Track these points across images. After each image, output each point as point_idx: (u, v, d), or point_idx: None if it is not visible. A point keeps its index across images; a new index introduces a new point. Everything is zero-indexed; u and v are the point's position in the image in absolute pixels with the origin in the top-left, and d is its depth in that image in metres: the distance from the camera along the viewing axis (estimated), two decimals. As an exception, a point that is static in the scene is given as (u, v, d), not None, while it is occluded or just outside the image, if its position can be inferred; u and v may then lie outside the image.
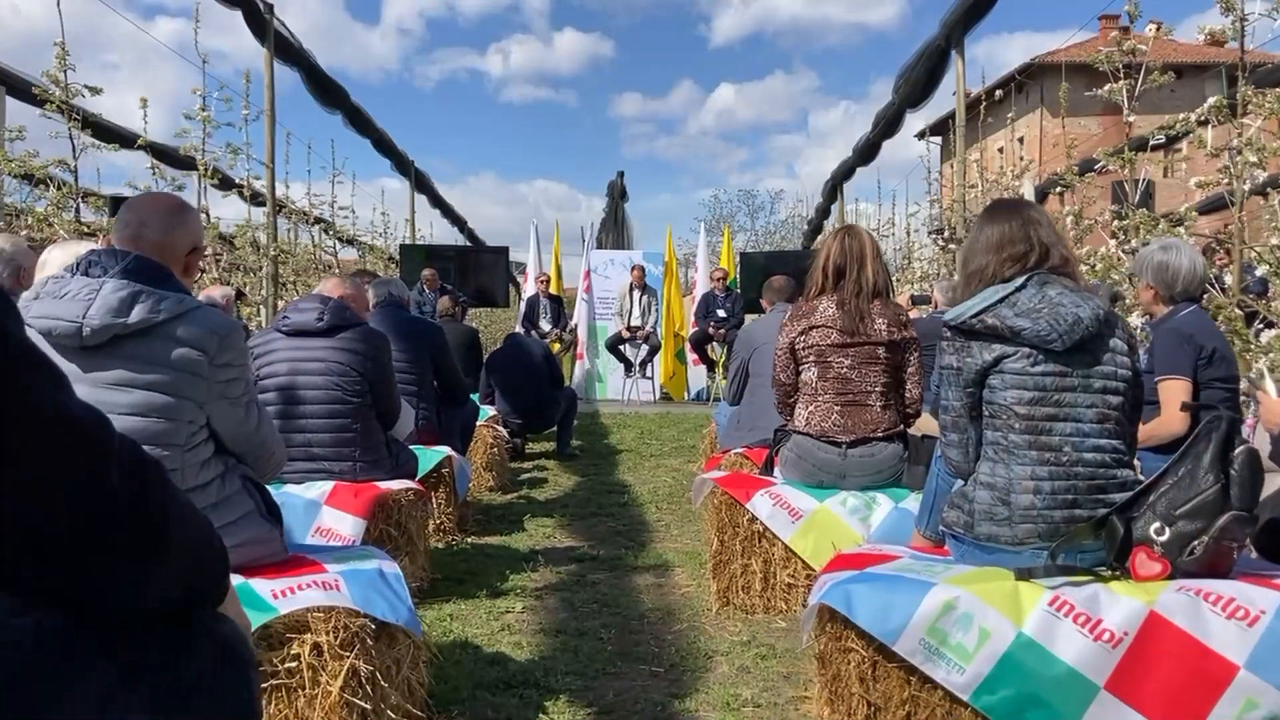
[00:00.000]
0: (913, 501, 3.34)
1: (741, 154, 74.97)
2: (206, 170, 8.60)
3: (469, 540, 4.65)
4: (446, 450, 4.62)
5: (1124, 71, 6.06)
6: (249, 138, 9.56)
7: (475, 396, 7.05)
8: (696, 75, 79.02)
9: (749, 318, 12.85)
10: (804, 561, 3.32)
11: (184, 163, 8.67)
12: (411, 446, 4.54)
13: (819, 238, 19.25)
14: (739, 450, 4.79)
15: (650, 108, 78.02)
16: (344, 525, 3.35)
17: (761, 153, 72.35)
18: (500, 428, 6.60)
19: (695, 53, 76.11)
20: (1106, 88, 6.13)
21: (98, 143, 6.78)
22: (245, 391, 2.15)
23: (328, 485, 3.47)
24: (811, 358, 3.53)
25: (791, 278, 5.21)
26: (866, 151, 14.83)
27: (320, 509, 3.39)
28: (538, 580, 3.89)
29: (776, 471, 3.74)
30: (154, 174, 7.78)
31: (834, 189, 17.15)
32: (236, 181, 9.79)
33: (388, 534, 3.47)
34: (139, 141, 7.75)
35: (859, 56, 73.36)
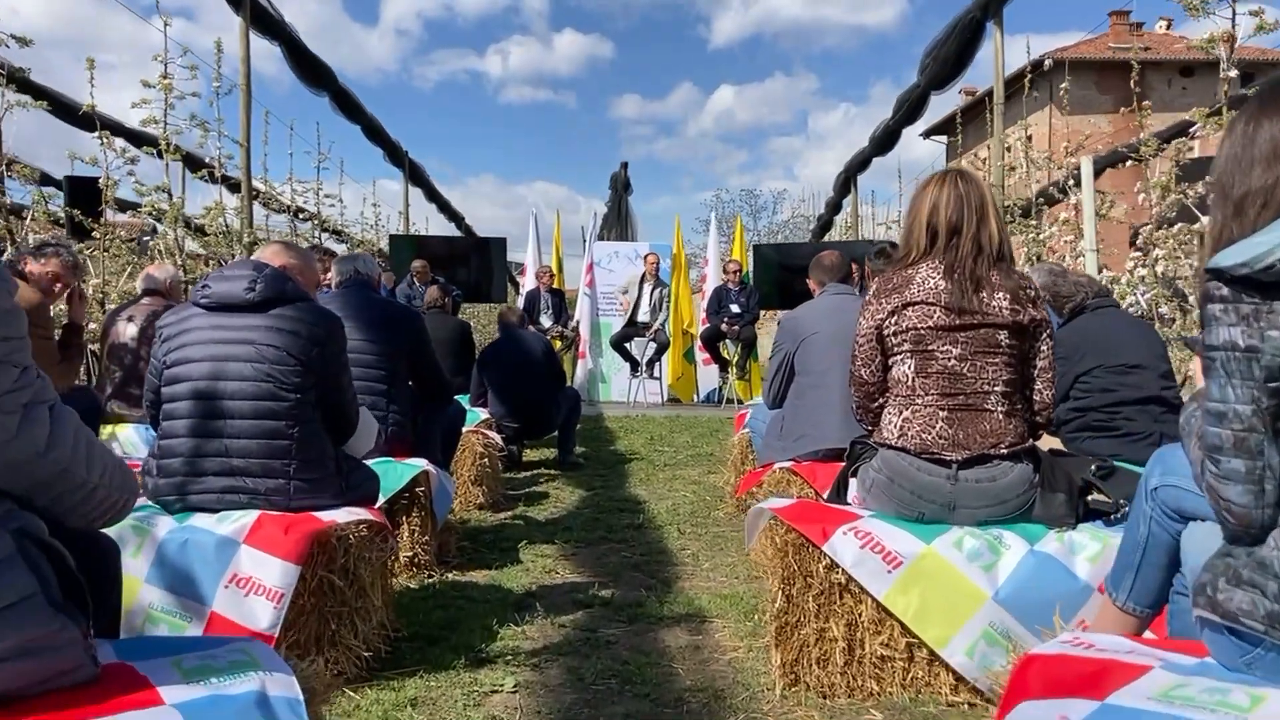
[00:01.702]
0: (1054, 543, 2.42)
1: (741, 156, 74.40)
2: (168, 146, 7.64)
3: (450, 575, 3.73)
4: (422, 464, 3.71)
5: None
6: (220, 113, 8.66)
7: (465, 399, 6.13)
8: (696, 77, 78.49)
9: (764, 314, 11.95)
10: (903, 625, 2.40)
11: (142, 138, 7.74)
12: (379, 460, 3.65)
13: (827, 235, 18.31)
14: (784, 464, 3.89)
15: (649, 109, 77.46)
16: (269, 573, 2.44)
17: (761, 155, 71.80)
18: (493, 433, 5.67)
19: (695, 54, 75.59)
20: (1207, 33, 5.23)
21: (24, 100, 5.86)
22: (20, 385, 1.23)
23: (250, 516, 2.56)
24: (907, 346, 2.60)
25: (844, 260, 4.27)
26: (885, 139, 13.92)
27: (237, 550, 2.48)
28: (535, 638, 2.96)
29: (851, 497, 2.83)
30: (102, 145, 6.86)
31: (847, 181, 16.24)
32: (207, 162, 8.85)
33: (330, 584, 2.55)
34: (84, 109, 6.84)
35: (859, 59, 72.84)
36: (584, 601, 3.36)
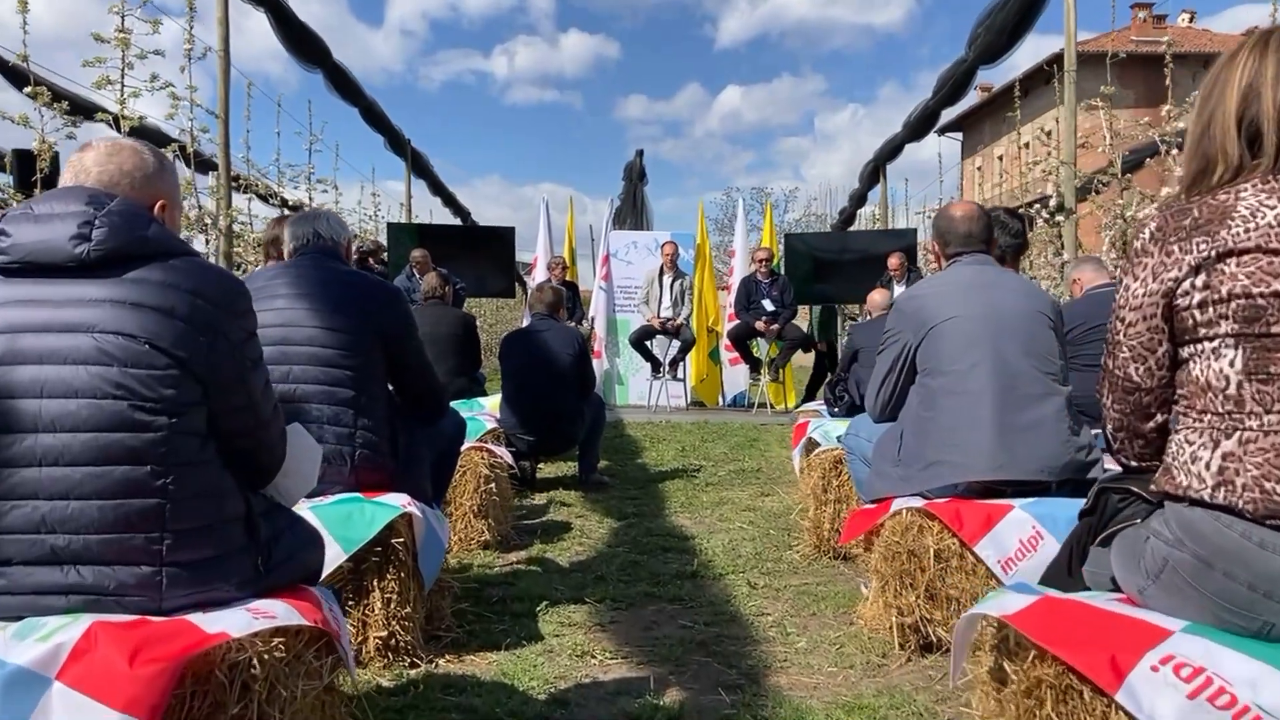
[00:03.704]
0: None
1: (748, 156, 73.55)
2: (123, 111, 6.51)
3: (441, 663, 2.62)
4: (403, 503, 2.62)
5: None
6: (193, 80, 7.55)
7: (464, 404, 5.03)
8: (702, 77, 77.59)
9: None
10: (1269, 844, 1.28)
11: (87, 107, 6.65)
12: (341, 499, 2.56)
13: (851, 228, 17.08)
14: (911, 503, 2.77)
15: (656, 110, 76.66)
16: (98, 737, 1.33)
17: (768, 155, 70.93)
18: (501, 449, 4.55)
19: (701, 55, 74.78)
20: None
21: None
22: None
23: (74, 626, 1.45)
24: (1228, 326, 1.48)
25: (983, 216, 3.10)
26: (922, 122, 12.74)
27: (45, 691, 1.37)
28: (571, 798, 1.85)
29: (1086, 570, 1.72)
30: (36, 104, 5.76)
31: (876, 170, 15.09)
32: (174, 137, 7.75)
33: (213, 752, 1.44)
34: (12, 61, 5.75)
35: (867, 59, 71.94)
36: (638, 716, 2.24)
